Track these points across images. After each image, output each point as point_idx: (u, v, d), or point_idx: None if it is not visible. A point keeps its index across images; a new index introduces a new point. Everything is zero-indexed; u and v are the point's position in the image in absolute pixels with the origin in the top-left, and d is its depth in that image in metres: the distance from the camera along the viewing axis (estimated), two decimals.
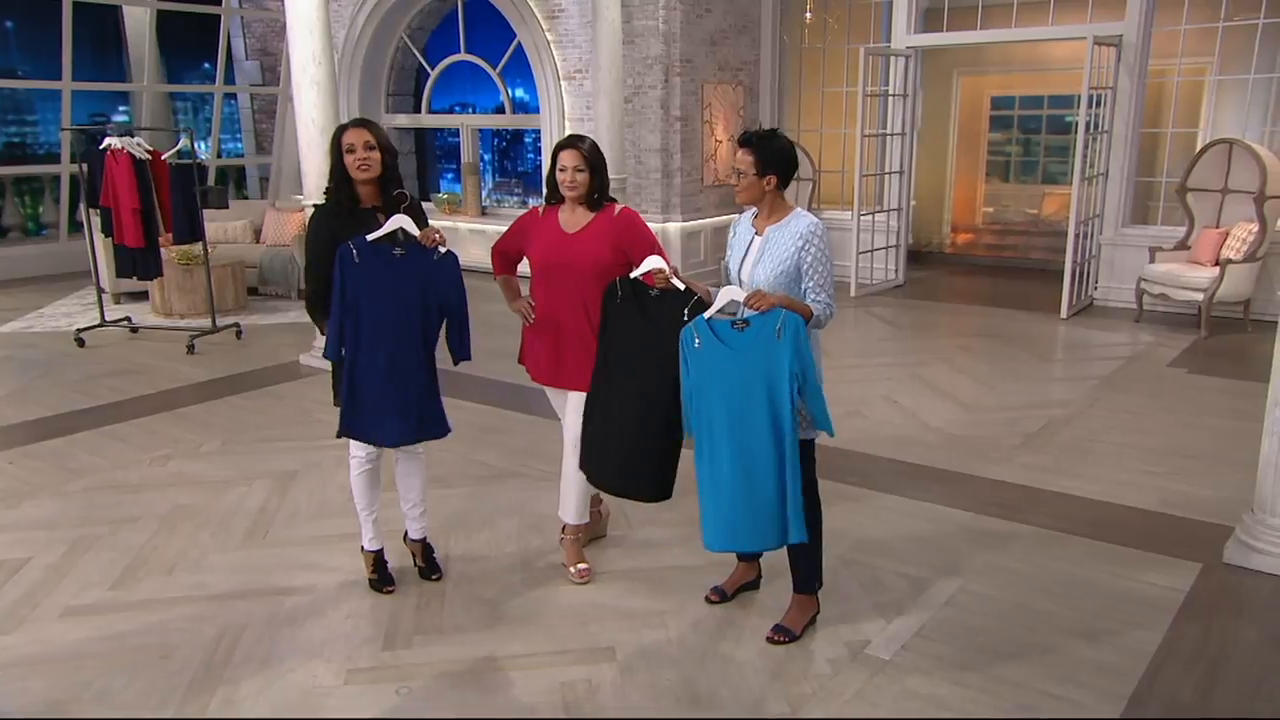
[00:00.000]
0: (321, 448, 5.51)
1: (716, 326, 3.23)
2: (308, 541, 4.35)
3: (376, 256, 3.52)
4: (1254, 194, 7.78)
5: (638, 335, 3.48)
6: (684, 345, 3.28)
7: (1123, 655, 3.34)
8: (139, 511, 4.67)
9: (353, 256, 3.50)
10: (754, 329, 3.16)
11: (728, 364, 3.20)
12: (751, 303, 3.15)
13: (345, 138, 3.54)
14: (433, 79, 11.79)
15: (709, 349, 3.22)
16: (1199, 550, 4.09)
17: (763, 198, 3.30)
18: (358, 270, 3.51)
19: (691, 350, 3.26)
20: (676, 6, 9.32)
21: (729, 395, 3.20)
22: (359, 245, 3.50)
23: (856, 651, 3.40)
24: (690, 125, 9.66)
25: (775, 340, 3.11)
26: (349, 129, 3.56)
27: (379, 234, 3.51)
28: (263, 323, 8.77)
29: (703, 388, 3.25)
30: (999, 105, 13.17)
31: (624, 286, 3.53)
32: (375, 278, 3.53)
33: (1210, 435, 5.59)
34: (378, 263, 3.52)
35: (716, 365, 3.22)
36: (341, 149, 3.53)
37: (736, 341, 3.19)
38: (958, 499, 4.68)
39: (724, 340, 3.21)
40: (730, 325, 3.21)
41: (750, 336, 3.16)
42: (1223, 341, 7.70)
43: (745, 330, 3.17)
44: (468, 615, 3.71)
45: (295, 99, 6.88)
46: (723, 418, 3.22)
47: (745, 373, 3.17)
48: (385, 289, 3.54)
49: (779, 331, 3.10)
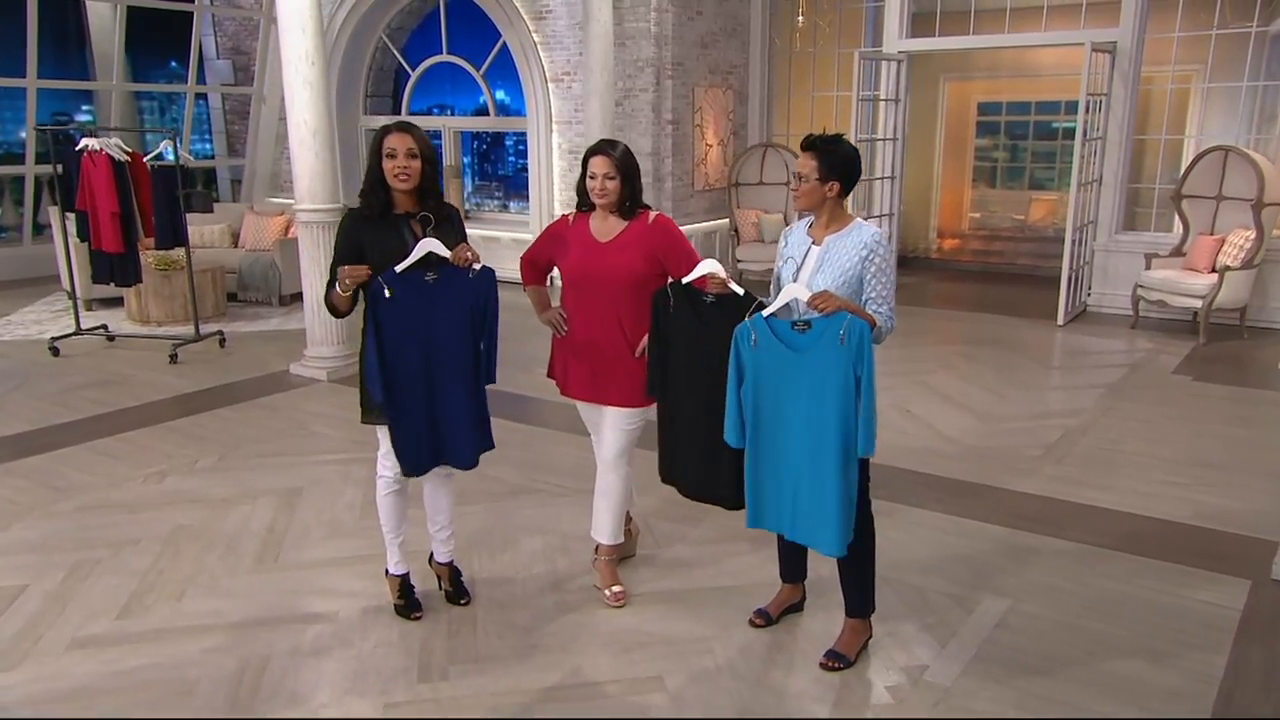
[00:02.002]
0: (324, 463, 5.29)
1: (776, 326, 3.10)
2: (323, 564, 4.14)
3: (409, 287, 3.33)
4: (1251, 201, 7.80)
5: (695, 343, 3.33)
6: (739, 342, 3.14)
7: (1190, 680, 3.24)
8: (138, 533, 4.43)
9: (384, 293, 3.31)
10: (816, 331, 3.02)
11: (787, 366, 3.06)
12: (817, 303, 3.00)
13: (388, 142, 3.33)
14: (413, 80, 11.55)
15: (767, 348, 3.09)
16: (1244, 566, 4.02)
17: (822, 205, 3.16)
18: (393, 308, 3.32)
19: (747, 348, 3.13)
20: (668, 9, 9.19)
21: (787, 398, 3.07)
22: (390, 280, 3.30)
23: (915, 678, 3.28)
24: (681, 129, 9.53)
25: (838, 345, 2.97)
26: (392, 132, 3.34)
27: (407, 263, 3.32)
28: (245, 330, 8.48)
29: (759, 388, 3.12)
30: (986, 111, 13.20)
31: (675, 293, 3.38)
32: (412, 310, 3.34)
33: (1227, 445, 5.56)
34: (412, 295, 3.33)
35: (774, 366, 3.08)
36: (381, 152, 3.34)
37: (797, 343, 3.05)
38: (989, 513, 4.58)
39: (784, 340, 3.07)
40: (791, 326, 3.07)
41: (812, 339, 3.03)
42: (1221, 348, 7.72)
43: (806, 332, 3.04)
44: (502, 643, 3.53)
45: (286, 99, 6.64)
46: (779, 420, 3.09)
47: (805, 376, 3.03)
48: (424, 320, 3.36)
49: (843, 336, 2.96)
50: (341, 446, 5.56)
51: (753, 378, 3.14)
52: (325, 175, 6.70)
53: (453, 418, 3.46)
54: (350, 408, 6.27)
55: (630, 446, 3.78)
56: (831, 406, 3.01)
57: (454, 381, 3.44)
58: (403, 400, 3.38)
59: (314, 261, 6.77)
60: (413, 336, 3.37)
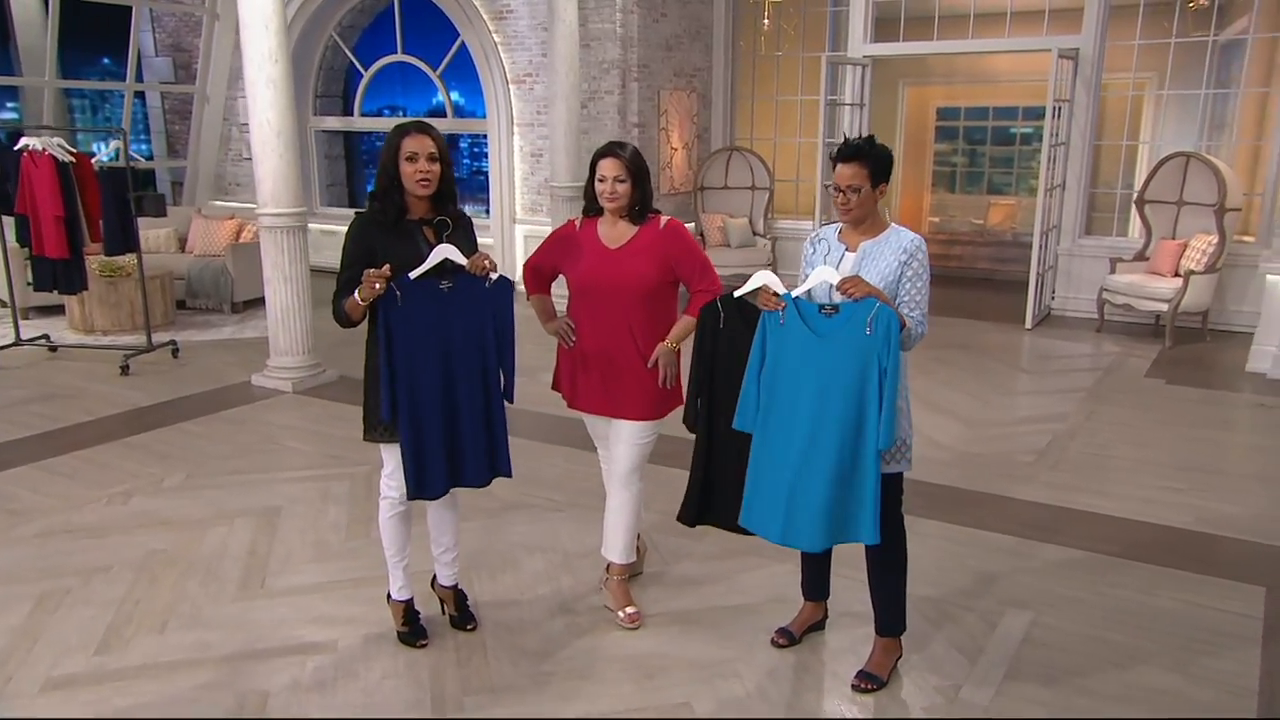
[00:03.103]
0: (300, 480, 5.04)
1: (803, 308, 2.97)
2: (314, 589, 3.90)
3: (423, 295, 3.12)
4: (1213, 206, 7.93)
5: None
6: (766, 322, 3.01)
7: (1228, 695, 3.19)
8: (108, 559, 4.14)
9: (396, 300, 3.10)
10: (843, 316, 2.90)
11: (809, 349, 2.93)
12: (846, 287, 2.87)
13: (407, 144, 3.11)
14: (366, 79, 11.24)
15: (792, 329, 2.96)
16: (1255, 572, 4.02)
17: (873, 211, 3.05)
18: (404, 315, 3.11)
19: (774, 326, 2.99)
20: (633, 10, 9.04)
21: (805, 382, 2.94)
22: (402, 285, 3.09)
23: (950, 698, 3.18)
24: (647, 132, 9.40)
25: (865, 333, 2.85)
26: (411, 133, 3.12)
27: (422, 270, 3.11)
28: (198, 340, 8.11)
29: (776, 369, 2.99)
30: (945, 116, 13.31)
31: (727, 307, 3.23)
32: (425, 320, 3.13)
33: (1212, 449, 5.60)
34: (425, 302, 3.12)
35: (796, 348, 2.96)
36: (399, 154, 3.12)
37: (823, 327, 2.93)
38: (994, 522, 4.52)
39: (809, 323, 2.95)
40: (818, 309, 2.95)
41: (838, 324, 2.90)
42: (1187, 351, 7.83)
43: (833, 316, 2.92)
44: (516, 670, 3.34)
45: (249, 99, 6.35)
46: (794, 403, 2.96)
47: (827, 361, 2.91)
48: (438, 330, 3.15)
49: (870, 324, 2.84)
50: (317, 462, 5.30)
51: (772, 360, 3.01)
52: (290, 178, 6.42)
53: (472, 436, 3.25)
54: (323, 420, 6.07)
55: (644, 461, 3.62)
56: (848, 394, 2.88)
57: (473, 397, 3.24)
58: (420, 417, 3.17)
59: (278, 268, 6.49)
60: (428, 348, 3.16)
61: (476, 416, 3.24)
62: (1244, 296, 8.32)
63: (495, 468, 3.35)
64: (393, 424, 3.21)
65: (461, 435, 3.24)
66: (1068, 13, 8.91)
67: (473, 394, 3.23)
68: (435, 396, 3.18)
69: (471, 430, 3.24)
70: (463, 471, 3.31)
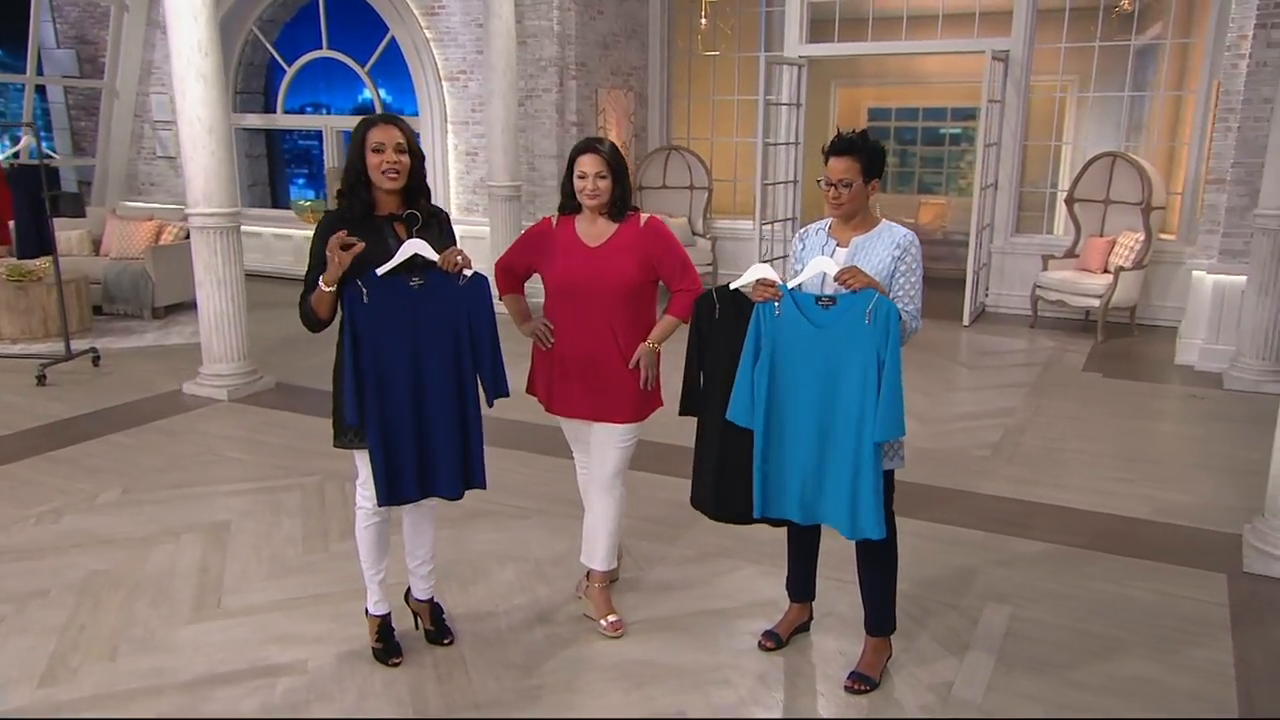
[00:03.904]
0: (246, 492, 4.80)
1: (799, 299, 2.93)
2: (274, 607, 3.70)
3: (392, 293, 2.97)
4: (1140, 204, 8.18)
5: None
6: (760, 314, 2.96)
7: (1206, 681, 3.23)
8: (44, 582, 3.86)
9: (362, 298, 2.95)
10: (840, 307, 2.87)
11: (806, 341, 2.90)
12: (844, 278, 2.84)
13: (373, 135, 2.97)
14: (289, 75, 10.87)
15: (789, 320, 2.92)
16: (1214, 559, 4.11)
17: (864, 207, 3.01)
18: (371, 314, 2.95)
19: (769, 317, 2.94)
20: (570, 7, 8.92)
21: (807, 374, 2.91)
22: (369, 283, 2.94)
23: (943, 696, 3.16)
24: (585, 130, 9.27)
25: (864, 323, 2.82)
26: (377, 125, 2.98)
27: (390, 266, 2.97)
28: (118, 347, 7.71)
29: (776, 361, 2.95)
30: (876, 116, 13.49)
31: (722, 298, 3.15)
32: (394, 318, 2.99)
33: (1156, 440, 5.76)
34: (394, 300, 2.98)
35: (793, 340, 2.92)
36: (365, 147, 2.97)
37: (820, 318, 2.90)
38: (961, 517, 4.55)
39: (807, 315, 2.91)
40: (815, 300, 2.91)
41: (835, 315, 2.88)
42: (1118, 345, 8.06)
43: (830, 308, 2.89)
44: (500, 685, 3.21)
45: (176, 94, 6.04)
46: (796, 396, 2.93)
47: (825, 352, 2.89)
48: (407, 329, 3.01)
49: (869, 314, 2.81)
50: (262, 473, 5.06)
51: (769, 353, 2.96)
52: (223, 176, 6.13)
53: (445, 443, 3.11)
54: (263, 429, 5.81)
55: (626, 464, 3.53)
56: (851, 385, 2.86)
57: (446, 403, 3.09)
58: (389, 418, 3.02)
59: (211, 270, 6.19)
60: (398, 348, 3.02)
61: (450, 423, 3.10)
62: (1167, 292, 8.62)
63: (469, 480, 3.21)
64: (360, 428, 3.06)
65: (434, 441, 3.09)
66: (997, 15, 9.11)
67: (446, 400, 3.08)
68: (405, 398, 3.04)
69: (445, 437, 3.10)
70: (435, 481, 3.16)
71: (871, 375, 2.83)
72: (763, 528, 3.30)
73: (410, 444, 3.07)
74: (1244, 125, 7.01)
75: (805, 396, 2.93)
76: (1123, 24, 9.10)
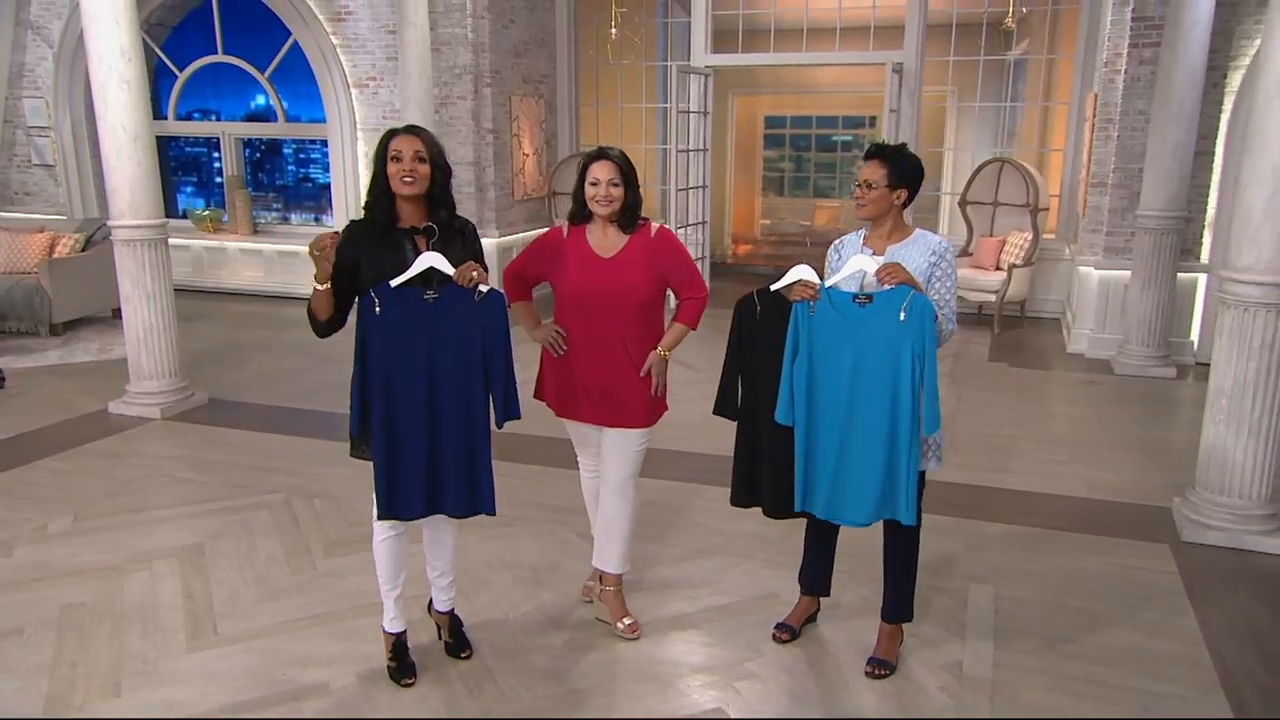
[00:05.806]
0: (210, 513, 4.65)
1: (835, 297, 3.07)
2: (276, 630, 3.62)
3: (405, 305, 2.97)
4: (1028, 206, 8.78)
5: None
6: (798, 313, 3.10)
7: (1180, 643, 3.56)
8: (14, 620, 3.67)
9: (374, 308, 2.95)
10: (877, 305, 3.02)
11: (843, 337, 3.05)
12: (883, 274, 2.99)
13: (394, 145, 2.99)
14: (181, 81, 10.42)
15: (824, 317, 3.07)
16: (1154, 531, 4.52)
17: (887, 213, 3.18)
18: (383, 325, 2.96)
19: (805, 316, 3.09)
20: (484, 15, 8.89)
21: (842, 367, 3.05)
22: (382, 294, 2.94)
23: (956, 675, 3.38)
24: (501, 138, 9.26)
25: (899, 321, 2.97)
26: (398, 135, 3.01)
27: (405, 277, 2.97)
28: (21, 366, 7.24)
29: (813, 358, 3.09)
30: (772, 124, 13.92)
31: (764, 300, 3.26)
32: (406, 331, 2.99)
33: (1073, 423, 6.22)
34: (407, 312, 2.98)
35: (831, 336, 3.06)
36: (386, 156, 2.98)
37: (856, 316, 3.04)
38: (926, 504, 4.78)
39: (842, 313, 3.05)
40: (852, 299, 3.06)
41: (871, 312, 3.02)
42: (1013, 337, 8.63)
43: (867, 305, 3.03)
44: (533, 694, 3.25)
45: (97, 101, 5.76)
46: (834, 389, 3.07)
47: (861, 349, 3.03)
48: (420, 342, 3.00)
49: (904, 311, 2.96)
50: (221, 493, 4.89)
51: (806, 352, 3.09)
52: (149, 187, 5.89)
53: (454, 462, 3.10)
54: (207, 447, 5.61)
55: (639, 468, 3.61)
56: (883, 380, 3.00)
57: (456, 422, 3.08)
58: (395, 433, 3.02)
59: (138, 284, 5.93)
60: (409, 361, 3.01)
61: (460, 443, 3.10)
62: (1050, 286, 9.28)
63: (476, 504, 3.18)
64: (364, 439, 3.05)
65: (443, 458, 3.09)
66: (891, 29, 9.58)
67: (456, 419, 3.08)
68: (415, 413, 3.03)
69: (454, 455, 3.09)
70: (443, 499, 3.15)
71: (904, 369, 2.98)
72: (746, 523, 3.43)
73: (417, 458, 3.06)
74: (1122, 134, 7.64)
75: (838, 391, 3.07)
76: (1002, 39, 9.73)
